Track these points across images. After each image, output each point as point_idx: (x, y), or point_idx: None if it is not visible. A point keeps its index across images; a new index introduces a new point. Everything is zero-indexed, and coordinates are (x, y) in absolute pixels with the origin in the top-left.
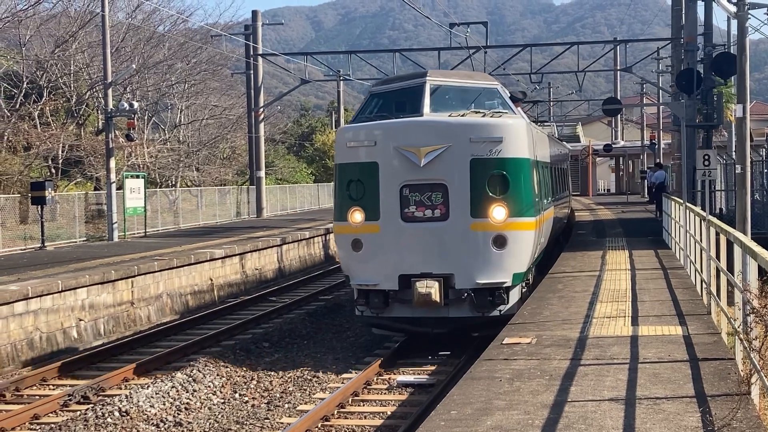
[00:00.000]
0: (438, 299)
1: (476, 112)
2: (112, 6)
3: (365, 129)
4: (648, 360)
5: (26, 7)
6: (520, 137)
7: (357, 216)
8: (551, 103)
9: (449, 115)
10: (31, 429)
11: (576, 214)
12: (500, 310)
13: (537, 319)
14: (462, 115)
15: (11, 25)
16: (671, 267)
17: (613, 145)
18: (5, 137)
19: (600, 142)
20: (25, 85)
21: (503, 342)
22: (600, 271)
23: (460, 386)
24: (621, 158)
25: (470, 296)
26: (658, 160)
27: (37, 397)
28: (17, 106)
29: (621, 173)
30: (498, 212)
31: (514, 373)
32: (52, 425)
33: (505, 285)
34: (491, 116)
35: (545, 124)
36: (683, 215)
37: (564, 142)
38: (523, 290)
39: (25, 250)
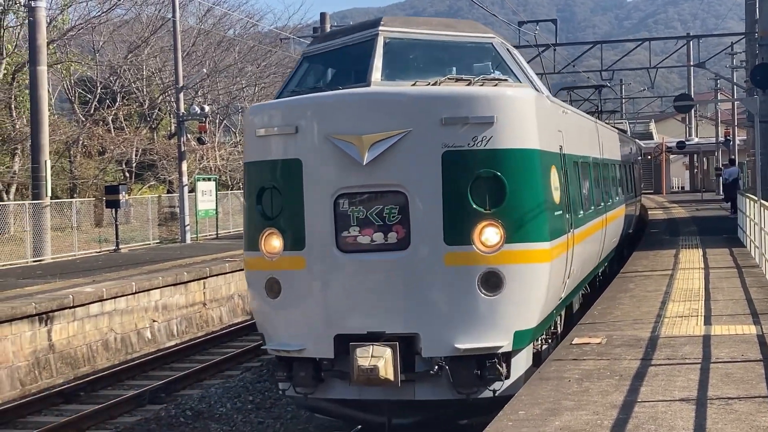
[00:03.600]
0: (391, 375)
1: (457, 79)
2: (183, 11)
3: (281, 108)
4: (720, 360)
5: (99, 13)
6: (526, 117)
7: (272, 243)
8: (623, 100)
9: (413, 84)
10: (105, 429)
11: (649, 212)
12: (495, 390)
13: (607, 319)
14: (433, 84)
15: (85, 32)
16: (746, 266)
17: (687, 142)
18: (80, 142)
19: (673, 139)
20: (99, 91)
21: (572, 342)
22: (673, 270)
23: (529, 386)
24: (695, 155)
25: (445, 369)
26: (732, 157)
27: (112, 397)
28: (91, 111)
29: (695, 170)
30: (489, 235)
31: (584, 373)
32: (126, 425)
33: (501, 351)
34: (481, 84)
35: (616, 120)
36: (758, 213)
37: (630, 137)
38: (543, 347)
39: (100, 252)
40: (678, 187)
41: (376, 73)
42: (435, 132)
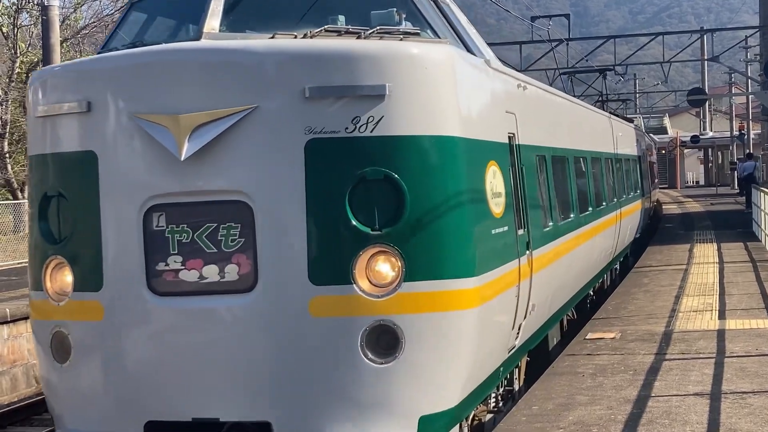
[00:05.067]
0: None
1: (341, 32)
2: None
3: (66, 75)
4: (735, 354)
5: (112, 11)
6: (440, 88)
7: (61, 278)
8: (637, 95)
9: (272, 37)
10: None
11: (663, 207)
12: None
13: (621, 314)
14: (303, 36)
15: (98, 30)
16: (761, 260)
17: (701, 137)
18: None
19: (688, 133)
20: None
21: (586, 337)
22: (687, 265)
23: (542, 381)
24: (710, 149)
25: None
26: (748, 151)
27: None
28: None
29: (710, 165)
30: (379, 269)
31: (597, 368)
32: None
33: None
34: (379, 38)
35: (628, 111)
36: None
37: (638, 128)
38: (487, 418)
39: None
40: (692, 182)
41: (213, 21)
42: (295, 110)
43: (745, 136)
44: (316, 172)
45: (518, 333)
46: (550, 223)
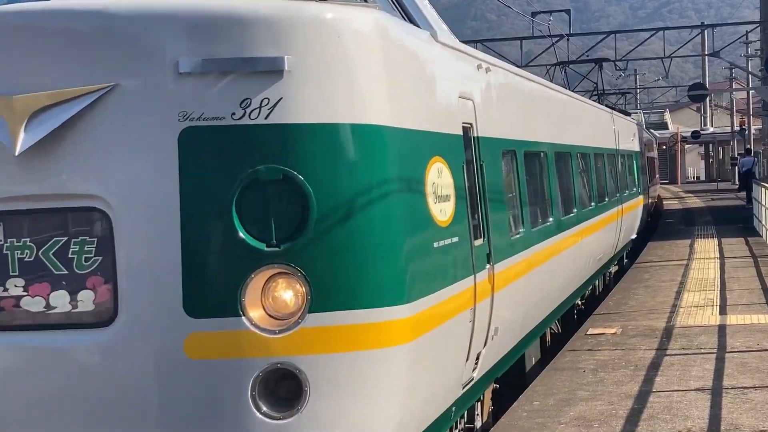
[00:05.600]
0: None
1: None
2: None
3: None
4: (736, 349)
5: None
6: (360, 62)
7: None
8: (638, 91)
9: None
10: None
11: (664, 202)
12: None
13: (622, 309)
14: None
15: None
16: (761, 255)
17: (702, 132)
18: None
19: (688, 128)
20: None
21: (587, 333)
22: (688, 260)
23: (543, 377)
24: (710, 145)
25: None
26: (748, 146)
27: None
28: None
29: (710, 160)
30: (277, 296)
31: (598, 364)
32: None
33: None
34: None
35: (627, 105)
36: None
37: (633, 120)
38: None
39: None
40: (693, 177)
41: None
42: (165, 90)
43: (746, 132)
44: (193, 170)
45: (476, 363)
46: (521, 230)
